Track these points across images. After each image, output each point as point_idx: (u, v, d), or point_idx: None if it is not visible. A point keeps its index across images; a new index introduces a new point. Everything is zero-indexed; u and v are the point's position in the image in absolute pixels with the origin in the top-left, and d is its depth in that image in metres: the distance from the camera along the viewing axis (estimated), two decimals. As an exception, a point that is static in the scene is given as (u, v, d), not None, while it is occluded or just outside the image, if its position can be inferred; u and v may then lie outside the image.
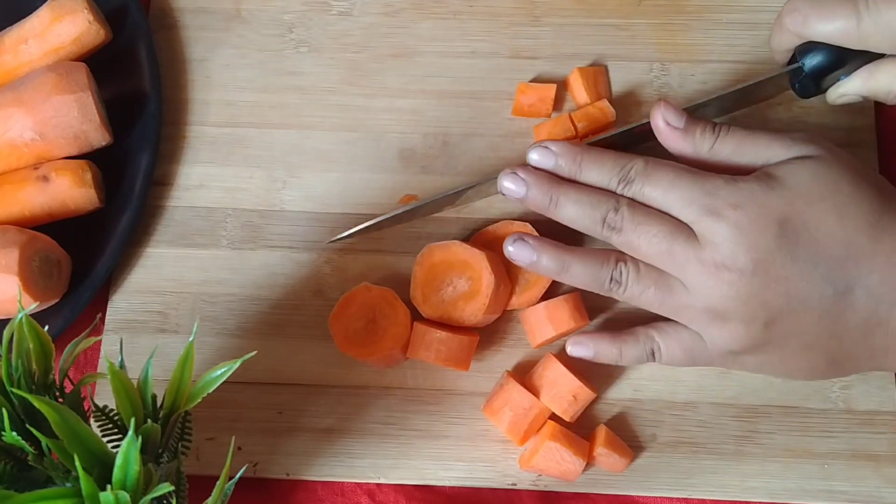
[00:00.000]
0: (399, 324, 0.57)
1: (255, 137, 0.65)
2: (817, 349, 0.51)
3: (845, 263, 0.49)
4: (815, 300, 0.49)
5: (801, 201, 0.50)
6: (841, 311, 0.50)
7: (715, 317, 0.51)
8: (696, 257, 0.50)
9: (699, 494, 0.57)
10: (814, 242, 0.49)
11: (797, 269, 0.49)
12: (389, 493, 0.58)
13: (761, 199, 0.50)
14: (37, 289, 0.57)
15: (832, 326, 0.50)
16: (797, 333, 0.50)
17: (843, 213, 0.50)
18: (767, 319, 0.50)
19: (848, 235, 0.50)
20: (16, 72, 0.62)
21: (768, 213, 0.49)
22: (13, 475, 0.43)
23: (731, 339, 0.51)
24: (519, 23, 0.66)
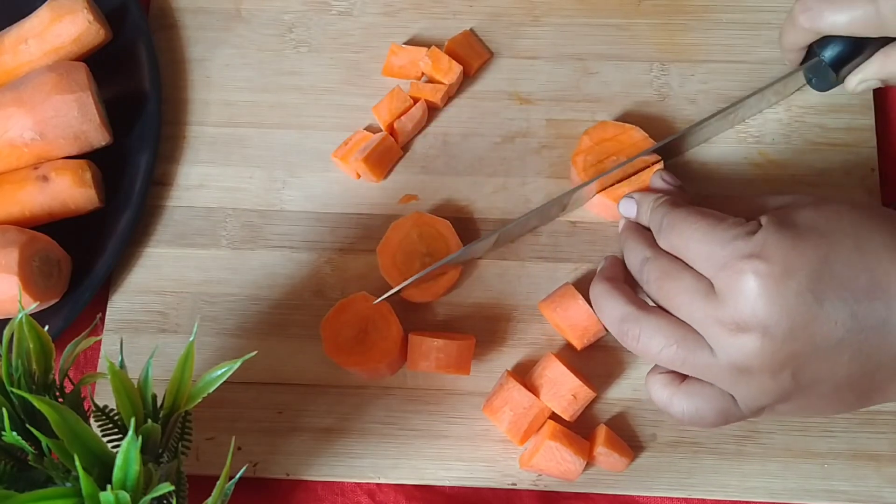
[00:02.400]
0: (389, 339, 0.57)
1: (255, 137, 0.65)
2: (848, 388, 0.49)
3: (873, 296, 0.46)
4: (845, 341, 0.47)
5: (815, 238, 0.47)
6: (875, 347, 0.47)
7: (740, 373, 0.48)
8: (715, 316, 0.48)
9: (699, 494, 0.57)
10: (836, 279, 0.46)
11: (823, 312, 0.46)
12: (389, 493, 0.58)
13: (776, 247, 0.47)
14: (37, 289, 0.57)
15: (865, 365, 0.47)
16: (826, 378, 0.48)
17: (859, 244, 0.47)
18: (795, 368, 0.47)
19: (869, 264, 0.47)
20: (16, 72, 0.63)
21: (786, 259, 0.47)
22: (13, 475, 0.43)
23: (760, 394, 0.49)
24: (519, 23, 0.67)
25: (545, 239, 0.62)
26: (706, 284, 0.49)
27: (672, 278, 0.50)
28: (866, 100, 0.63)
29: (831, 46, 0.57)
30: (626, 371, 0.59)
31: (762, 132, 0.63)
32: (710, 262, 0.49)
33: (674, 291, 0.50)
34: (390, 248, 0.60)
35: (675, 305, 0.50)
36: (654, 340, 0.50)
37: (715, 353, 0.49)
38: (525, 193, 0.63)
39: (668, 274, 0.51)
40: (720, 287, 0.48)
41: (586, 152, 0.61)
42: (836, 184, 0.62)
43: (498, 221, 0.62)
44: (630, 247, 0.55)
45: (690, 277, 0.50)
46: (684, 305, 0.49)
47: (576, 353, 0.59)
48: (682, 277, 0.50)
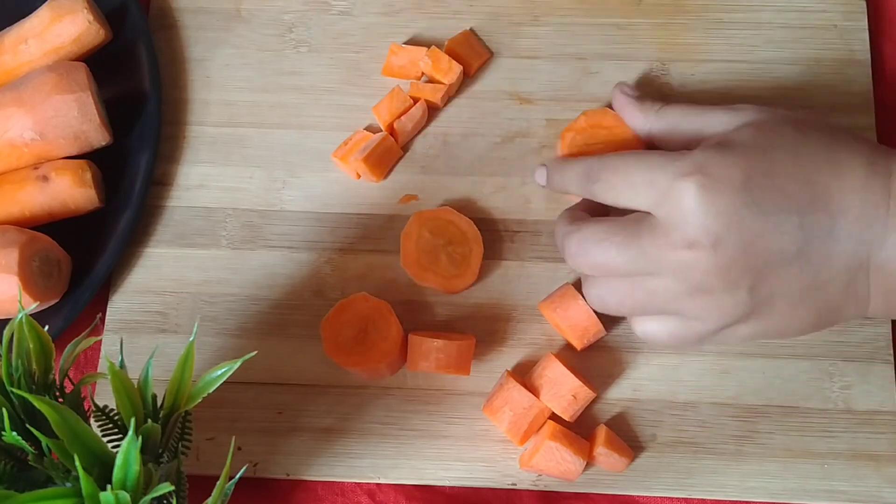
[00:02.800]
0: (389, 339, 0.57)
1: (255, 137, 0.65)
2: (804, 304, 0.49)
3: (815, 207, 0.47)
4: (793, 253, 0.47)
5: (755, 154, 0.48)
6: (821, 259, 0.48)
7: (697, 293, 0.49)
8: (665, 242, 0.48)
9: (699, 494, 0.57)
10: (778, 191, 0.47)
11: (770, 224, 0.47)
12: (389, 493, 0.58)
13: (715, 162, 0.48)
14: (37, 289, 0.57)
15: (816, 278, 0.48)
16: (782, 293, 0.48)
17: (798, 154, 0.48)
18: (751, 283, 0.48)
19: (810, 178, 0.47)
20: (16, 72, 0.62)
21: (726, 174, 0.47)
22: (13, 475, 0.43)
23: (719, 313, 0.49)
24: (519, 23, 0.66)
25: (545, 239, 0.62)
26: (646, 219, 0.49)
27: (610, 233, 0.50)
28: (867, 100, 0.63)
29: None
30: (626, 371, 0.59)
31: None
32: (651, 190, 0.49)
33: (618, 244, 0.50)
34: (412, 256, 0.59)
35: (623, 261, 0.50)
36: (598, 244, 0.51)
37: (670, 280, 0.49)
38: (525, 193, 0.63)
39: (604, 233, 0.51)
40: (666, 212, 0.48)
41: (577, 131, 0.61)
42: (836, 184, 0.62)
43: (498, 221, 0.62)
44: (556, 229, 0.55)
45: (628, 221, 0.50)
46: (632, 250, 0.49)
47: (576, 353, 0.59)
48: (619, 227, 0.50)
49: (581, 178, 0.54)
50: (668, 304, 0.50)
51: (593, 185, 0.52)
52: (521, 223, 0.62)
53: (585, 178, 0.53)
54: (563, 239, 0.53)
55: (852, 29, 0.65)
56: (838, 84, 0.64)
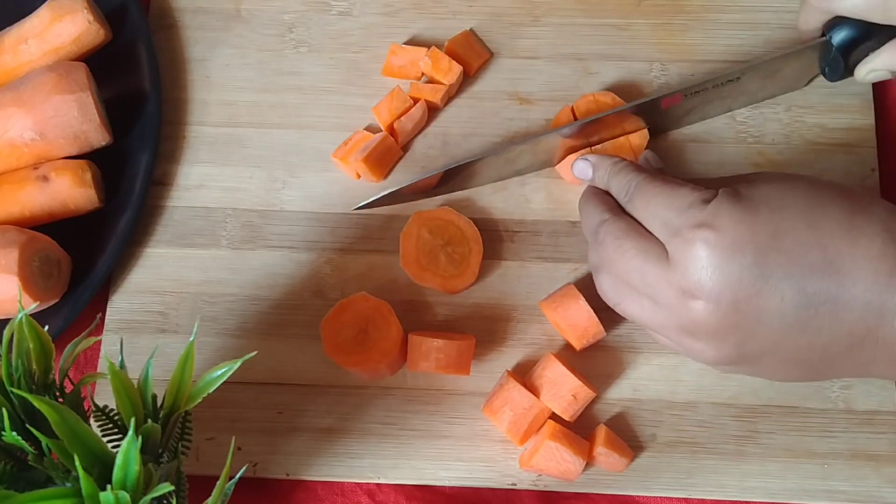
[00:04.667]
0: (389, 339, 0.57)
1: (255, 137, 0.65)
2: (796, 362, 0.49)
3: (823, 272, 0.47)
4: (791, 316, 0.47)
5: (766, 212, 0.48)
6: (823, 324, 0.47)
7: (684, 333, 0.50)
8: (666, 279, 0.49)
9: (699, 494, 0.57)
10: (785, 255, 0.47)
11: (769, 287, 0.47)
12: (389, 493, 0.58)
13: (725, 217, 0.48)
14: (37, 289, 0.57)
15: (813, 341, 0.48)
16: (772, 350, 0.49)
17: (812, 220, 0.47)
18: (739, 340, 0.48)
19: (821, 241, 0.47)
20: (16, 72, 0.63)
21: (733, 232, 0.47)
22: (13, 475, 0.43)
23: (704, 357, 0.51)
24: (519, 23, 0.67)
25: (545, 239, 0.62)
26: (661, 249, 0.50)
27: (630, 238, 0.51)
28: (866, 100, 0.63)
29: (840, 29, 0.58)
30: (626, 371, 0.59)
31: (762, 132, 0.63)
32: (666, 228, 0.49)
33: (630, 252, 0.50)
34: (411, 256, 0.60)
35: (628, 268, 0.51)
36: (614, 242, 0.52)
37: (663, 312, 0.50)
38: (525, 193, 0.63)
39: (626, 234, 0.51)
40: (672, 253, 0.49)
41: (578, 109, 0.62)
42: (835, 184, 0.62)
43: (498, 221, 0.62)
44: (588, 210, 0.55)
45: (646, 240, 0.50)
46: (637, 267, 0.50)
47: (576, 353, 0.59)
48: (638, 238, 0.51)
49: (621, 192, 0.54)
50: (659, 328, 0.52)
51: (627, 203, 0.53)
52: (521, 223, 0.62)
53: (624, 193, 0.53)
54: (593, 223, 0.54)
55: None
56: (838, 84, 0.64)
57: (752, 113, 0.63)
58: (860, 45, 0.58)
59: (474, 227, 0.60)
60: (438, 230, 0.60)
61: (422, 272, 0.59)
